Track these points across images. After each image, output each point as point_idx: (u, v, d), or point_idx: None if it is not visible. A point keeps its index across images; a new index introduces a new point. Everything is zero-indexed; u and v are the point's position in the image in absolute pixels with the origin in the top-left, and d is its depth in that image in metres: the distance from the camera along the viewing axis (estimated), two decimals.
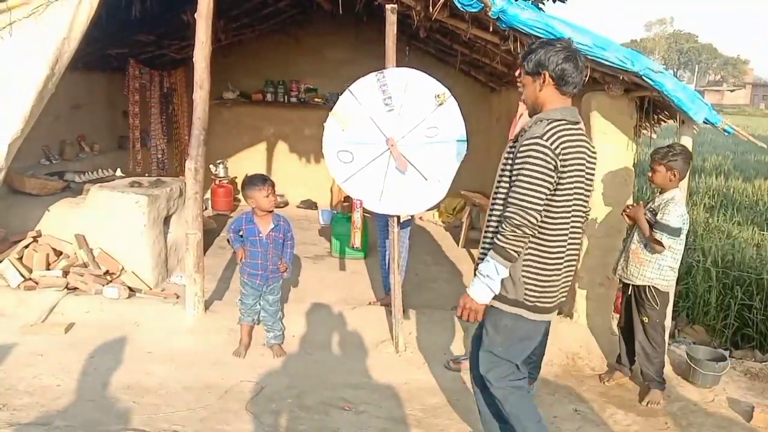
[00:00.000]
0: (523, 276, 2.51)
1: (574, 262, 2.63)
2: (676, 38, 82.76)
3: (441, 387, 3.73)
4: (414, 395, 3.61)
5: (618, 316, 3.98)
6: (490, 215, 2.62)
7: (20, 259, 4.67)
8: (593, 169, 2.58)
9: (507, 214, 2.41)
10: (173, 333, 4.15)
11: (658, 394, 3.62)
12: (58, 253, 4.87)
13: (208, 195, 7.92)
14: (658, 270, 3.52)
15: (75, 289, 4.59)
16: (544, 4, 7.71)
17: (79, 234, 4.87)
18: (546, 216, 2.43)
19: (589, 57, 3.51)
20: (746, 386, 3.93)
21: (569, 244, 2.54)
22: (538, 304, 2.53)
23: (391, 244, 4.20)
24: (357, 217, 4.20)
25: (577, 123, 2.51)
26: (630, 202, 4.22)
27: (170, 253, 5.28)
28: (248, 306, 4.02)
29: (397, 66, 3.97)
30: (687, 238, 3.57)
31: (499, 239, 2.44)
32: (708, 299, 5.64)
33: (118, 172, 6.15)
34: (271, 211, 3.95)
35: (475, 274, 2.60)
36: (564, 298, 2.66)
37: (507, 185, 2.52)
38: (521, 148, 2.43)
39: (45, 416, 3.14)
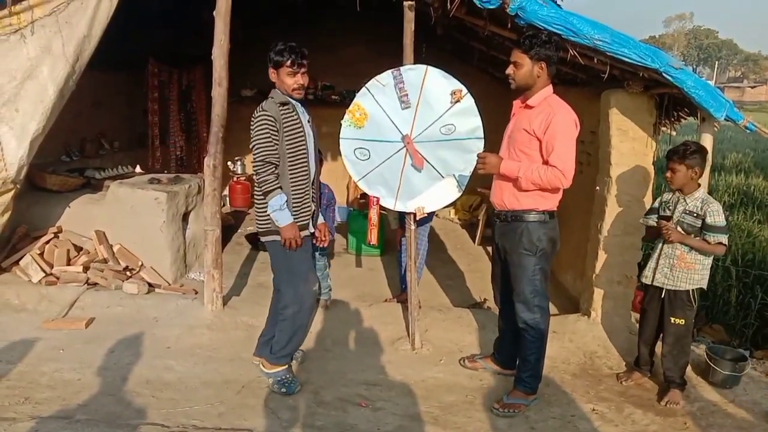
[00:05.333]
0: None
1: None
2: (695, 34, 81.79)
3: (458, 384, 3.73)
4: (431, 392, 3.61)
5: (639, 315, 3.94)
6: None
7: (41, 254, 4.74)
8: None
9: None
10: (192, 328, 4.19)
11: (678, 394, 3.59)
12: (79, 249, 4.93)
13: (226, 192, 7.96)
14: (703, 270, 3.49)
15: (95, 284, 4.66)
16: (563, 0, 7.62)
17: (99, 230, 4.93)
18: None
19: (609, 54, 3.49)
20: (767, 387, 3.88)
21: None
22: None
23: (407, 242, 4.20)
24: (373, 214, 4.20)
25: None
26: (648, 200, 4.18)
27: (189, 249, 5.33)
28: None
29: (414, 63, 3.97)
30: None
31: None
32: (728, 298, 5.58)
33: (138, 169, 6.21)
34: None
35: None
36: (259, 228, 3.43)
37: None
38: None
39: (66, 410, 3.19)
